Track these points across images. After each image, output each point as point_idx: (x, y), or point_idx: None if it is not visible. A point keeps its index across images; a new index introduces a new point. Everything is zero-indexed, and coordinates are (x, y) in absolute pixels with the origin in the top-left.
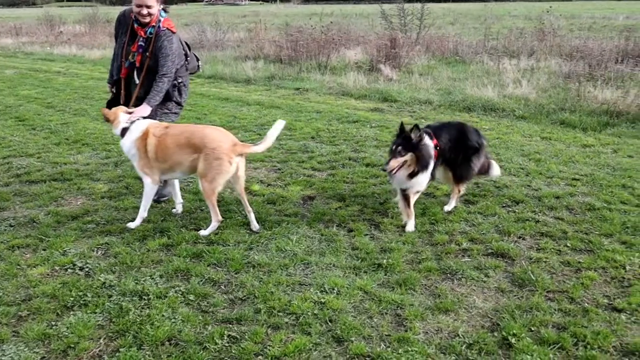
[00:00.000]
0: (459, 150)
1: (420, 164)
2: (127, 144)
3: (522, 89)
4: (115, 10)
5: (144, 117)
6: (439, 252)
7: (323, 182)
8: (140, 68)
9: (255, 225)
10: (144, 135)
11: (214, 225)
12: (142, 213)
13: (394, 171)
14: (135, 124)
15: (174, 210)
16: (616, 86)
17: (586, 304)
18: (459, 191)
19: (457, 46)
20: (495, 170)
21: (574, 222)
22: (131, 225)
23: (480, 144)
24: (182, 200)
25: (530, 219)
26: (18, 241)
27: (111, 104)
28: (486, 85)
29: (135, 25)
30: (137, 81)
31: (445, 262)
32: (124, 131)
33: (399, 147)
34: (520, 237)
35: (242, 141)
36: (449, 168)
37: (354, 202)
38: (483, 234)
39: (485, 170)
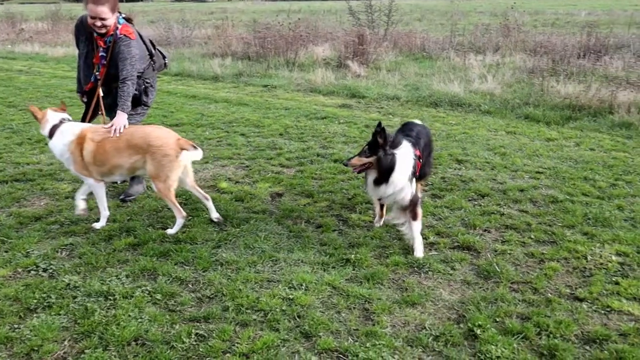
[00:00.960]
0: (426, 152)
1: (379, 172)
2: (59, 147)
3: (487, 84)
4: (79, 7)
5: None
6: (406, 247)
7: (291, 179)
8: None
9: (215, 214)
10: (79, 140)
11: (179, 222)
12: (103, 212)
13: (355, 170)
14: (66, 125)
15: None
16: (578, 81)
17: (549, 294)
18: (423, 185)
19: (424, 42)
20: None
21: (537, 215)
22: (96, 225)
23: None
24: (108, 214)
25: (495, 212)
26: None
27: (86, 115)
28: (452, 80)
29: (95, 35)
30: (102, 93)
31: (413, 256)
32: (53, 131)
33: (366, 147)
34: (485, 230)
35: (208, 139)
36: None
37: (323, 198)
38: (449, 227)
39: None
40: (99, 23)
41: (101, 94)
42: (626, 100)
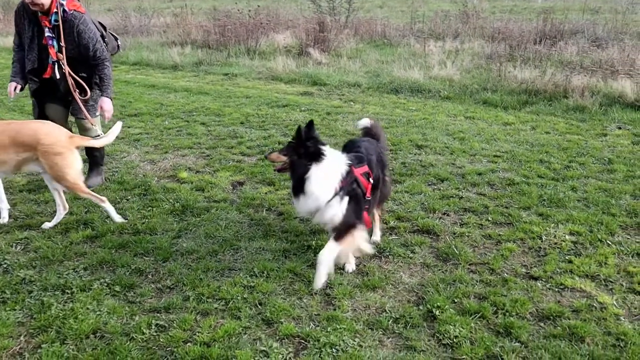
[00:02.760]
0: (379, 171)
1: (293, 179)
2: None
3: (447, 70)
4: None
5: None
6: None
7: (252, 167)
8: (58, 61)
9: (50, 225)
10: None
11: (107, 207)
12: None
13: (275, 169)
14: None
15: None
16: (534, 66)
17: (505, 274)
18: (380, 215)
19: (385, 29)
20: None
21: (495, 197)
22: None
23: (385, 159)
24: (8, 207)
25: (454, 195)
26: None
27: (39, 96)
28: (413, 67)
29: (40, 15)
30: (58, 75)
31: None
32: None
33: (287, 145)
34: (444, 214)
35: (168, 129)
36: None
37: (284, 186)
38: (409, 211)
39: None
40: None
41: (57, 75)
42: (580, 85)
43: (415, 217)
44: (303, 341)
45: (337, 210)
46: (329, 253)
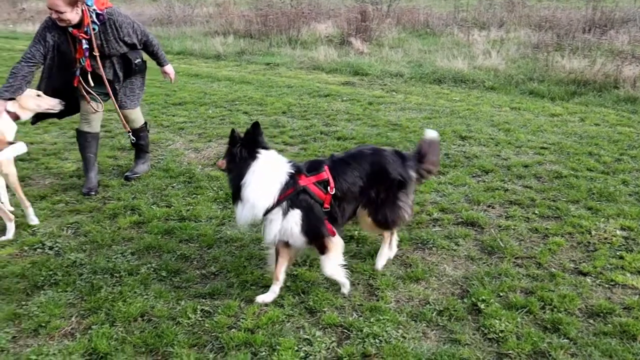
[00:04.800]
0: (377, 188)
1: (229, 183)
2: None
3: (491, 60)
4: None
5: None
6: (409, 223)
7: (295, 157)
8: (93, 72)
9: (32, 219)
10: None
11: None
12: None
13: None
14: None
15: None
16: (583, 55)
17: (553, 269)
18: (390, 239)
19: (427, 18)
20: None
21: (541, 190)
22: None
23: (405, 177)
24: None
25: (499, 187)
26: None
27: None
28: (456, 57)
29: (71, 29)
30: (92, 84)
31: (416, 232)
32: None
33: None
34: (489, 206)
35: (211, 117)
36: (366, 210)
37: None
38: (453, 203)
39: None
40: (55, 15)
41: (92, 83)
42: (631, 75)
43: (459, 209)
44: (346, 331)
45: (288, 224)
46: (330, 265)
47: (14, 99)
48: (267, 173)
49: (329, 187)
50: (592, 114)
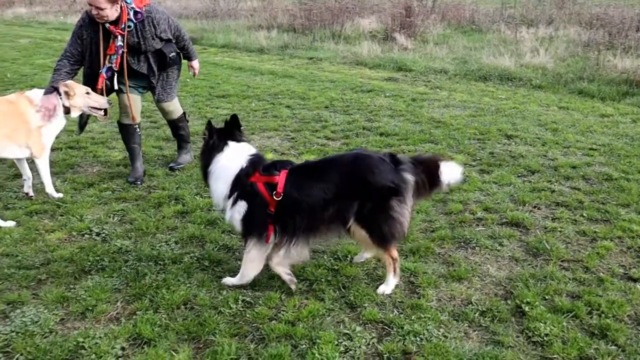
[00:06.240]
0: (361, 199)
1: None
2: None
3: (539, 58)
4: None
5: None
6: (452, 221)
7: (337, 151)
8: (120, 71)
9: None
10: None
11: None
12: None
13: None
14: None
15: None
16: (636, 55)
17: (601, 274)
18: (392, 257)
19: (473, 14)
20: (449, 174)
21: (590, 192)
22: None
23: (397, 182)
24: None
25: (545, 188)
26: (36, 207)
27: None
28: (503, 54)
29: (108, 25)
30: (116, 86)
31: (459, 231)
32: None
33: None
34: (535, 207)
35: (254, 111)
36: (359, 225)
37: None
38: (498, 203)
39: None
40: (94, 12)
41: (116, 86)
42: None
43: (504, 209)
44: (386, 327)
45: (234, 213)
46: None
47: (58, 92)
48: (227, 165)
49: (274, 191)
50: None
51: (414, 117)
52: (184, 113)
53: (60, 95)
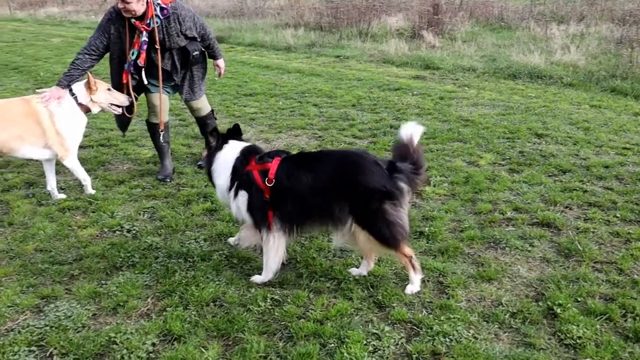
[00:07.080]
0: (352, 197)
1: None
2: None
3: (570, 55)
4: None
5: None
6: (482, 221)
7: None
8: (147, 67)
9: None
10: None
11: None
12: None
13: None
14: None
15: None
16: None
17: (635, 276)
18: (406, 255)
19: (502, 12)
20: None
21: (624, 192)
22: None
23: (390, 188)
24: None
25: (577, 188)
26: (68, 203)
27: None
28: (532, 51)
29: (133, 20)
30: (146, 81)
31: (489, 231)
32: None
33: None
34: (567, 207)
35: (282, 109)
36: (360, 227)
37: None
38: (528, 203)
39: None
40: (121, 5)
41: (145, 81)
42: None
43: (535, 209)
44: (415, 327)
45: (238, 203)
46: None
47: (70, 87)
48: (225, 159)
49: (266, 178)
50: None
51: (442, 116)
52: (212, 110)
53: (73, 94)
